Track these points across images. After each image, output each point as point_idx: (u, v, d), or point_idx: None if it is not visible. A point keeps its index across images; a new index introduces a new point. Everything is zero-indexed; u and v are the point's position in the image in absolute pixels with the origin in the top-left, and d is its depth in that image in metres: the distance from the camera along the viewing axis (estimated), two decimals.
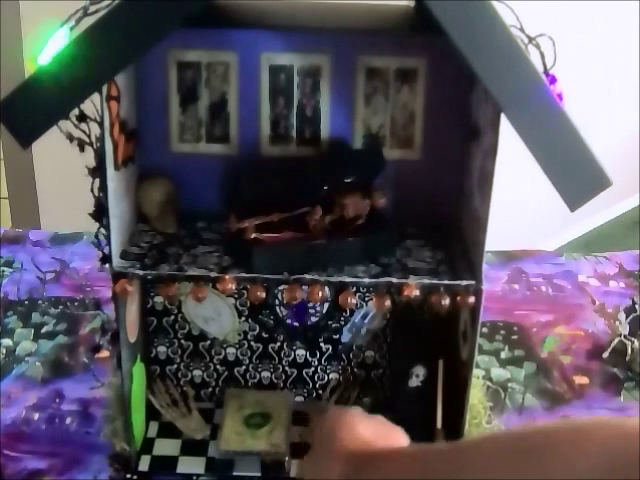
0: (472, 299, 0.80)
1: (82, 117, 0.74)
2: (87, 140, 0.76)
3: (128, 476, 0.92)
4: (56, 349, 1.15)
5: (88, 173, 0.78)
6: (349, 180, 0.86)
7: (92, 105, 0.72)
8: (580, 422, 0.64)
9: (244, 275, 0.80)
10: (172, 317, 0.99)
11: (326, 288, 0.84)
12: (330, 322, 1.00)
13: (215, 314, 0.99)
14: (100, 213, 0.79)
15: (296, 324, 1.00)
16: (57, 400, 1.05)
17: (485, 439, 0.78)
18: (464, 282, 0.80)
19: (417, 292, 0.80)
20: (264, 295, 0.81)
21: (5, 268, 1.34)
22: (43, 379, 1.09)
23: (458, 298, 0.80)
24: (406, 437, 0.81)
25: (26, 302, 1.25)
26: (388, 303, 0.81)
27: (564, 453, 0.57)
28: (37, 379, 1.09)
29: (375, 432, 0.85)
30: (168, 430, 0.97)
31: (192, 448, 0.95)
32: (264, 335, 1.01)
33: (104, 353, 1.11)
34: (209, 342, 1.01)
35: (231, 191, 0.88)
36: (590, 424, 0.61)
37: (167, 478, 0.93)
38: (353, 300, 0.82)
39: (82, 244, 1.41)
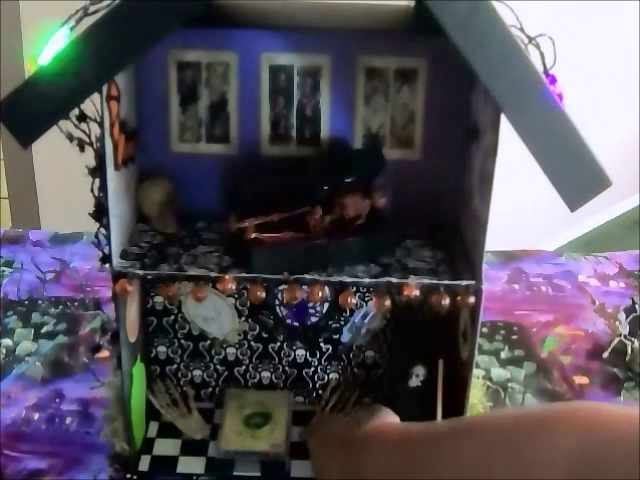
0: (472, 299, 0.80)
1: (82, 117, 0.74)
2: (87, 140, 0.76)
3: (128, 476, 0.92)
4: (56, 349, 1.15)
5: (88, 173, 0.78)
6: (349, 180, 0.86)
7: (92, 105, 0.72)
8: (560, 408, 0.66)
9: (244, 275, 0.80)
10: (172, 317, 0.99)
11: (326, 288, 0.85)
12: (330, 322, 1.00)
13: (215, 314, 0.99)
14: (100, 213, 0.79)
15: (296, 324, 1.00)
16: (57, 400, 1.05)
17: (470, 421, 0.79)
18: (464, 282, 0.80)
19: (417, 292, 0.80)
20: (264, 295, 0.81)
21: (5, 268, 1.34)
22: (43, 379, 1.09)
23: (458, 298, 0.80)
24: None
25: (26, 302, 1.25)
26: (388, 303, 0.81)
27: (546, 437, 0.59)
28: (37, 379, 1.09)
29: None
30: (168, 430, 0.97)
31: (192, 448, 0.95)
32: (264, 335, 1.01)
33: (104, 353, 1.11)
34: (209, 342, 1.01)
35: (231, 191, 0.88)
36: (568, 409, 0.63)
37: (167, 478, 0.93)
38: (353, 300, 0.81)
39: (82, 244, 1.41)
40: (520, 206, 2.61)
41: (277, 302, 0.98)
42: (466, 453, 0.66)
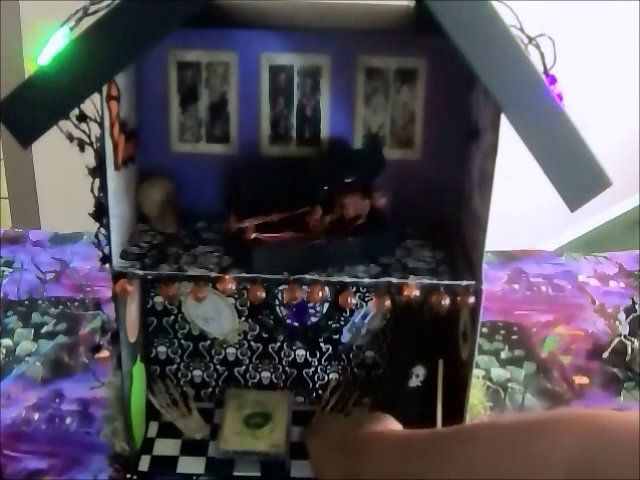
0: (472, 299, 0.80)
1: (82, 117, 0.74)
2: (87, 140, 0.76)
3: (128, 476, 0.92)
4: (56, 349, 1.15)
5: (88, 173, 0.78)
6: (349, 180, 0.86)
7: (92, 105, 0.72)
8: (561, 411, 0.66)
9: (244, 275, 0.80)
10: (172, 317, 0.99)
11: (326, 288, 0.84)
12: (330, 322, 1.00)
13: (215, 314, 0.99)
14: (100, 213, 0.79)
15: (296, 324, 1.00)
16: (57, 400, 1.05)
17: (475, 425, 0.79)
18: (464, 282, 0.80)
19: (417, 292, 0.80)
20: (264, 295, 0.81)
21: (5, 268, 1.34)
22: (43, 379, 1.09)
23: (458, 298, 0.80)
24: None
25: (26, 302, 1.25)
26: (388, 303, 0.81)
27: (549, 441, 0.59)
28: (37, 379, 1.09)
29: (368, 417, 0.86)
30: (168, 430, 0.97)
31: (192, 448, 0.95)
32: (264, 335, 1.01)
33: (104, 353, 1.11)
34: (209, 342, 1.01)
35: (231, 191, 0.88)
36: (570, 413, 0.63)
37: (167, 478, 0.93)
38: (353, 300, 0.82)
39: (82, 244, 1.41)
40: (520, 206, 2.61)
41: (277, 302, 0.98)
42: (469, 456, 0.66)
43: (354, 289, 0.83)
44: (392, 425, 0.85)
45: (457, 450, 0.68)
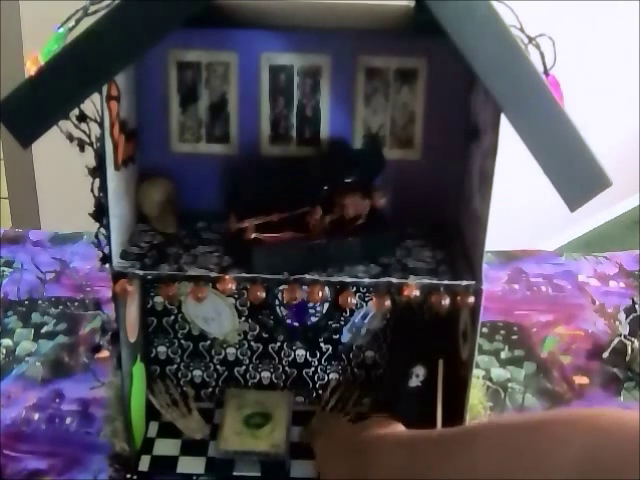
0: (472, 299, 0.80)
1: (82, 117, 0.74)
2: (87, 140, 0.76)
3: (128, 476, 0.92)
4: (56, 349, 1.15)
5: (88, 173, 0.78)
6: (349, 180, 0.86)
7: (92, 105, 0.72)
8: (564, 412, 0.66)
9: (244, 275, 0.80)
10: (172, 317, 0.99)
11: (326, 288, 0.84)
12: (330, 322, 1.00)
13: (215, 314, 0.99)
14: (100, 213, 0.79)
15: (296, 324, 1.00)
16: (57, 400, 1.05)
17: (478, 426, 0.79)
18: (464, 282, 0.80)
19: (417, 292, 0.80)
20: (264, 295, 0.81)
21: (5, 268, 1.34)
22: (43, 379, 1.09)
23: (458, 298, 0.80)
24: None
25: (26, 302, 1.25)
26: (388, 303, 0.81)
27: (551, 441, 0.59)
28: (37, 379, 1.09)
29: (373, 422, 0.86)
30: (168, 430, 0.97)
31: (192, 448, 0.95)
32: (264, 335, 1.01)
33: (104, 353, 1.11)
34: (209, 342, 1.01)
35: (231, 191, 0.88)
36: (572, 413, 0.63)
37: (167, 478, 0.93)
38: (353, 300, 0.82)
39: (82, 244, 1.41)
40: (520, 206, 2.61)
41: (277, 302, 0.98)
42: (472, 456, 0.66)
43: (354, 289, 0.83)
44: (398, 429, 0.85)
45: (460, 451, 0.68)
